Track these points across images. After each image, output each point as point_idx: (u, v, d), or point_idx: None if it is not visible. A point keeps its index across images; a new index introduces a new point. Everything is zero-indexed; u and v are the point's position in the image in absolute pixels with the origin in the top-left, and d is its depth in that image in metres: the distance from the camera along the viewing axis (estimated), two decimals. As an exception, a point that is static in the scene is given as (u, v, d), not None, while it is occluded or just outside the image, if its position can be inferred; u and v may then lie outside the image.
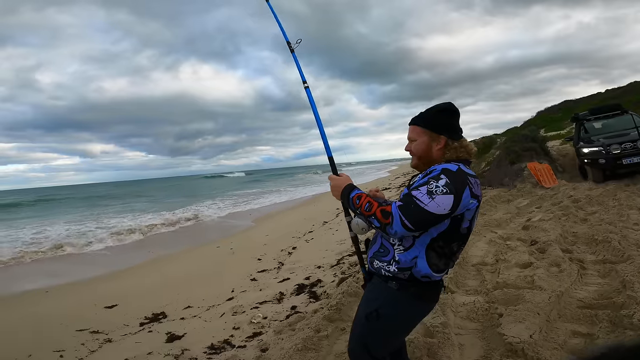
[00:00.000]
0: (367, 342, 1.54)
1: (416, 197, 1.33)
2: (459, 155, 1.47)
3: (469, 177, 1.40)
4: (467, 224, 1.42)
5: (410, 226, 1.31)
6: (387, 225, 1.33)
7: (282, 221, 10.37)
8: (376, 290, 1.53)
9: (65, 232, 11.01)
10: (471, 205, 1.38)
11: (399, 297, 1.45)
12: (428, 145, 1.49)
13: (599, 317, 2.38)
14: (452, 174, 1.36)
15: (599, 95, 24.21)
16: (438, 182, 1.33)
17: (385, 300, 1.48)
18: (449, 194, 1.31)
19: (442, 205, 1.31)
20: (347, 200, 1.52)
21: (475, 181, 1.42)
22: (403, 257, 1.42)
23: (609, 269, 3.20)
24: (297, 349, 2.47)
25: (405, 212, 1.31)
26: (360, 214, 1.45)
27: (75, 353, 3.27)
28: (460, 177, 1.36)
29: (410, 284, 1.44)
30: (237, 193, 24.49)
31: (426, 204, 1.30)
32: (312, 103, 1.94)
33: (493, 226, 5.47)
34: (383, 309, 1.47)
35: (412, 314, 1.52)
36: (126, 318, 3.98)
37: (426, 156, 1.50)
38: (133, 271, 6.23)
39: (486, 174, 10.53)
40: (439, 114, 1.50)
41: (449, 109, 1.51)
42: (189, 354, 2.98)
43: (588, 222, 5.00)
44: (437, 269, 1.42)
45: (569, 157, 10.10)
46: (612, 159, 7.55)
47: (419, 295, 1.46)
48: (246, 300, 4.09)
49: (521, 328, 2.30)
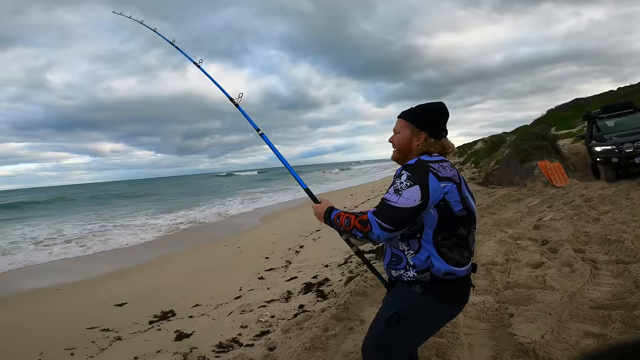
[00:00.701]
0: (386, 345, 1.52)
1: (386, 199, 1.39)
2: (429, 149, 1.49)
3: (431, 163, 1.42)
4: (459, 207, 1.41)
5: (389, 226, 1.36)
6: (368, 232, 1.39)
7: (289, 219, 10.39)
8: (399, 294, 1.51)
9: (86, 230, 11.25)
10: (446, 188, 1.39)
11: (422, 301, 1.43)
12: (409, 139, 1.52)
13: (612, 317, 2.34)
14: (411, 167, 1.41)
15: (610, 93, 23.74)
16: (401, 179, 1.39)
17: (407, 304, 1.46)
18: (413, 186, 1.35)
19: (411, 197, 1.34)
20: (329, 222, 1.58)
21: (441, 165, 1.44)
22: (416, 260, 1.41)
23: (622, 269, 3.14)
24: (304, 347, 2.46)
25: (380, 215, 1.37)
26: (344, 231, 1.51)
27: (85, 351, 3.31)
28: (419, 167, 1.40)
29: (434, 286, 1.41)
30: (254, 191, 25.09)
31: (395, 202, 1.36)
32: (273, 147, 2.08)
33: (503, 225, 5.41)
34: (404, 313, 1.45)
35: (435, 317, 1.50)
36: (136, 316, 4.02)
37: (405, 150, 1.53)
38: (142, 269, 6.30)
39: (495, 173, 10.41)
40: (426, 111, 1.53)
41: (437, 107, 1.53)
42: (197, 352, 2.99)
43: (600, 222, 4.91)
44: (455, 263, 1.40)
45: (581, 156, 9.94)
46: (625, 157, 7.40)
47: (443, 297, 1.42)
48: (254, 298, 4.10)
49: (532, 328, 2.27)
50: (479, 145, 18.56)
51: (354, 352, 2.40)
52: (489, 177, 10.49)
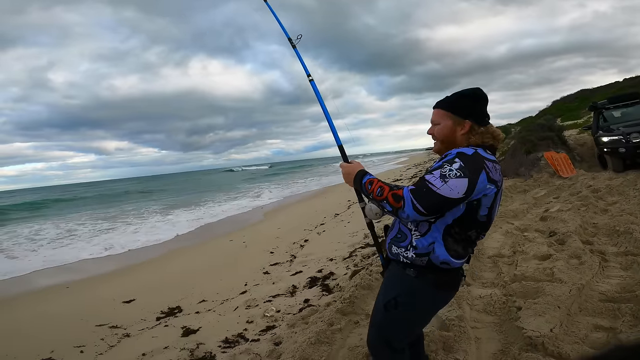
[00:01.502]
0: (386, 332, 1.53)
1: (429, 181, 1.30)
2: (484, 141, 1.42)
3: (487, 161, 1.35)
4: (485, 212, 1.37)
5: (422, 210, 1.28)
6: (399, 209, 1.32)
7: (294, 214, 10.39)
8: (394, 278, 1.52)
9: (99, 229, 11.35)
10: (488, 190, 1.34)
11: (417, 285, 1.44)
12: (452, 129, 1.45)
13: (622, 310, 2.30)
14: (467, 157, 1.33)
15: (616, 84, 23.40)
16: (452, 166, 1.30)
17: (404, 289, 1.47)
18: (462, 178, 1.28)
19: (456, 189, 1.28)
20: (359, 185, 1.52)
21: (494, 166, 1.37)
22: (420, 243, 1.40)
23: (632, 261, 3.09)
24: (310, 342, 2.46)
25: (417, 196, 1.29)
26: (372, 198, 1.44)
27: (95, 348, 3.34)
28: (476, 161, 1.32)
29: (429, 271, 1.41)
30: (279, 181, 25.55)
31: (438, 188, 1.28)
32: (318, 95, 1.97)
33: (509, 217, 5.36)
34: (401, 297, 1.46)
35: (430, 302, 1.50)
36: (143, 312, 4.04)
37: (449, 140, 1.47)
38: (148, 265, 6.34)
39: (501, 164, 10.34)
40: (464, 98, 1.46)
41: (475, 93, 1.46)
42: (204, 347, 3.01)
43: (609, 213, 4.85)
44: (456, 255, 1.40)
45: (587, 147, 9.82)
46: (632, 147, 7.30)
47: (437, 282, 1.43)
48: (259, 293, 4.11)
49: (541, 322, 2.24)
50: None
51: (360, 346, 2.39)
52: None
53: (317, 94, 1.98)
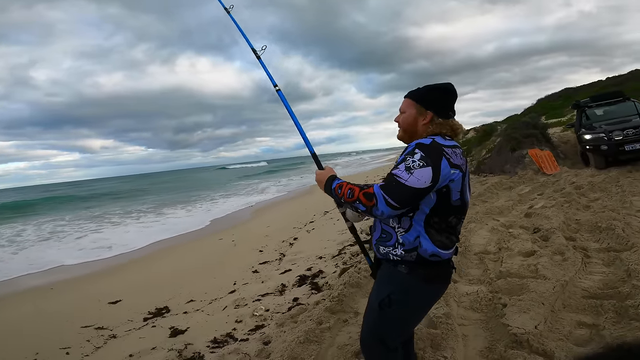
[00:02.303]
0: (381, 331, 1.53)
1: (396, 175, 1.34)
2: (441, 132, 1.47)
3: (445, 147, 1.39)
4: (457, 196, 1.42)
5: (395, 204, 1.32)
6: (372, 207, 1.34)
7: (283, 212, 10.37)
8: (386, 276, 1.53)
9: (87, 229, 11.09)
10: (453, 175, 1.38)
11: (410, 281, 1.45)
12: (414, 119, 1.51)
13: (605, 307, 2.35)
14: (425, 147, 1.37)
15: (599, 83, 23.97)
16: (414, 157, 1.35)
17: (397, 286, 1.47)
18: (426, 167, 1.32)
19: (422, 178, 1.32)
20: (330, 191, 1.54)
21: (454, 151, 1.41)
22: (406, 239, 1.42)
23: (614, 257, 3.17)
24: (299, 341, 2.45)
25: (388, 191, 1.33)
26: (345, 202, 1.45)
27: (81, 350, 3.28)
28: (434, 149, 1.37)
29: (420, 266, 1.43)
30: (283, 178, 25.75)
31: (406, 180, 1.32)
32: (287, 104, 2.00)
33: (495, 214, 5.45)
34: (395, 295, 1.47)
35: (424, 297, 1.52)
36: (130, 313, 3.99)
37: (411, 129, 1.52)
38: (135, 265, 6.25)
39: (487, 161, 10.48)
40: (433, 91, 1.51)
41: (444, 87, 1.51)
42: (192, 348, 2.97)
43: (591, 209, 4.97)
44: (442, 245, 1.42)
45: (570, 144, 10.04)
46: (614, 145, 7.50)
47: (429, 277, 1.45)
48: (248, 292, 4.09)
49: (526, 318, 2.28)
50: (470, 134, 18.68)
51: (349, 344, 2.40)
52: (481, 165, 10.56)
53: (285, 104, 2.00)
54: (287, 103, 2.00)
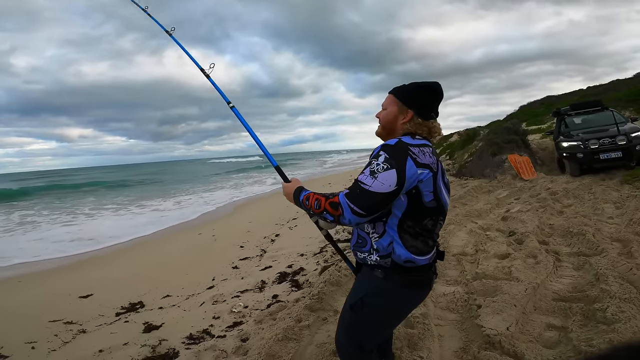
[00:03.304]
0: (353, 333, 1.52)
1: (361, 181, 1.31)
2: (417, 132, 1.43)
3: (411, 147, 1.34)
4: (430, 197, 1.36)
5: (360, 211, 1.28)
6: (339, 216, 1.32)
7: (266, 207, 10.30)
8: (363, 279, 1.51)
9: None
10: (421, 175, 1.33)
11: (385, 286, 1.42)
12: (395, 116, 1.46)
13: (573, 310, 2.44)
14: (390, 148, 1.33)
15: (580, 92, 24.74)
16: (378, 160, 1.31)
17: (370, 289, 1.45)
18: (390, 169, 1.28)
19: (387, 182, 1.28)
20: (299, 204, 1.51)
21: (422, 150, 1.36)
22: (380, 245, 1.39)
23: (583, 261, 3.29)
24: (277, 339, 2.44)
25: (353, 199, 1.29)
26: (313, 213, 1.43)
27: (48, 344, 3.16)
28: (399, 150, 1.32)
29: (395, 272, 1.39)
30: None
31: (370, 185, 1.29)
32: (243, 121, 2.01)
33: (474, 216, 5.57)
34: (367, 298, 1.45)
35: (398, 303, 1.48)
36: (101, 308, 3.87)
37: (390, 126, 1.48)
38: (109, 259, 6.08)
39: (469, 165, 10.70)
40: (417, 89, 1.45)
41: (429, 86, 1.46)
42: (167, 344, 2.92)
43: (564, 215, 5.14)
44: (416, 251, 1.38)
45: (549, 151, 10.34)
46: (589, 153, 7.75)
47: (405, 283, 1.41)
48: (227, 288, 4.04)
49: (498, 320, 2.34)
50: (454, 138, 19.03)
51: (328, 342, 2.40)
52: (463, 168, 10.77)
53: (241, 120, 2.01)
54: (243, 119, 2.01)
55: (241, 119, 2.01)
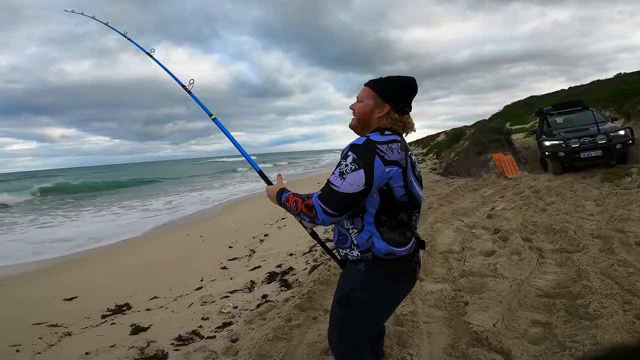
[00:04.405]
0: (343, 329, 1.53)
1: (331, 182, 1.35)
2: (393, 126, 1.44)
3: (380, 145, 1.35)
4: (401, 192, 1.38)
5: (332, 211, 1.33)
6: (314, 218, 1.37)
7: (255, 207, 10.24)
8: (347, 275, 1.54)
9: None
10: (391, 173, 1.34)
11: (369, 280, 1.44)
12: (371, 110, 1.46)
13: (556, 306, 2.51)
14: (358, 148, 1.34)
15: (562, 92, 25.34)
16: (347, 160, 1.33)
17: (355, 284, 1.47)
18: (358, 169, 1.30)
19: (355, 182, 1.30)
20: (281, 205, 1.55)
21: (390, 147, 1.36)
22: (359, 240, 1.41)
23: (566, 258, 3.38)
24: (267, 339, 2.44)
25: (324, 200, 1.34)
26: (294, 215, 1.47)
27: (32, 347, 3.09)
28: (366, 149, 1.33)
29: (377, 264, 1.42)
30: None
31: (339, 186, 1.32)
32: (226, 132, 2.06)
33: (460, 214, 5.66)
34: (353, 293, 1.47)
35: (383, 295, 1.48)
36: (87, 310, 3.79)
37: (365, 119, 1.47)
38: (93, 260, 5.95)
39: (455, 164, 10.87)
40: (395, 84, 1.45)
41: (406, 81, 1.46)
42: (155, 345, 2.88)
43: (547, 212, 5.28)
44: (395, 243, 1.40)
45: (532, 150, 10.59)
46: (570, 152, 7.98)
47: (388, 274, 1.43)
48: (216, 289, 4.01)
49: (485, 316, 2.39)
50: (441, 137, 19.29)
51: (318, 342, 2.41)
52: (449, 167, 10.94)
53: (224, 131, 2.05)
54: (226, 129, 2.05)
55: (223, 129, 2.05)
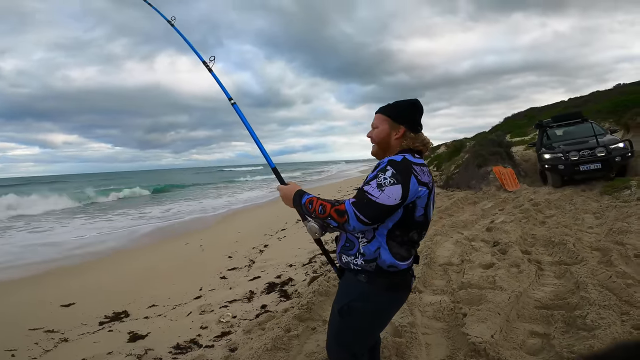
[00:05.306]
0: (343, 338, 1.56)
1: (367, 192, 1.39)
2: (414, 146, 1.54)
3: (414, 165, 1.45)
4: (421, 212, 1.47)
5: (366, 220, 1.37)
6: (344, 223, 1.40)
7: (254, 218, 10.25)
8: (347, 285, 1.57)
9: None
10: (420, 192, 1.44)
11: (369, 290, 1.49)
12: (387, 133, 1.56)
13: (555, 317, 2.51)
14: (397, 164, 1.42)
15: (562, 104, 25.45)
16: (385, 174, 1.40)
17: (356, 294, 1.51)
18: (396, 184, 1.38)
19: (392, 195, 1.37)
20: (299, 206, 1.57)
21: (422, 169, 1.48)
22: (367, 249, 1.47)
23: (564, 270, 3.39)
24: (266, 348, 2.44)
25: (359, 208, 1.38)
26: (316, 217, 1.49)
27: (28, 352, 3.09)
28: (405, 167, 1.42)
29: (378, 276, 1.48)
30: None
31: (377, 197, 1.37)
32: (243, 118, 1.97)
33: (460, 227, 5.67)
34: (354, 303, 1.50)
35: (383, 305, 1.55)
36: (84, 317, 3.79)
37: (384, 143, 1.57)
38: (92, 267, 5.94)
39: (455, 176, 10.89)
40: (403, 106, 1.57)
41: (413, 103, 1.57)
42: (153, 353, 2.88)
43: (546, 225, 5.29)
44: (400, 257, 1.47)
45: (531, 162, 10.61)
46: (570, 165, 7.98)
47: (388, 286, 1.49)
48: (215, 299, 4.00)
49: (483, 328, 2.40)
50: (441, 149, 19.37)
51: (317, 352, 2.42)
52: (450, 180, 10.95)
53: (242, 118, 1.97)
54: (244, 116, 1.97)
55: (241, 116, 1.97)
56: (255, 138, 1.95)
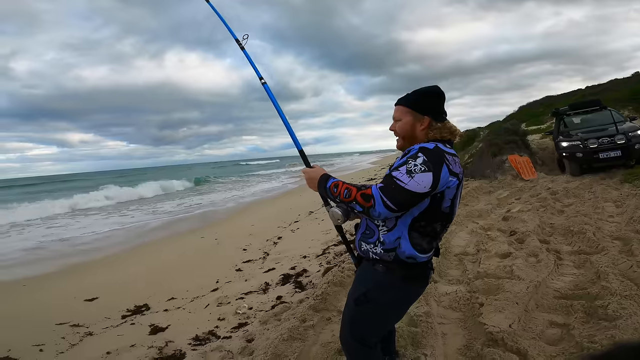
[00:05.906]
0: (358, 328, 1.56)
1: (396, 178, 1.34)
2: (442, 135, 1.48)
3: (447, 154, 1.40)
4: (448, 204, 1.42)
5: (393, 206, 1.32)
6: (370, 208, 1.34)
7: (268, 211, 10.32)
8: (364, 274, 1.56)
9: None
10: (451, 183, 1.39)
11: (386, 280, 1.47)
12: (412, 125, 1.50)
13: (575, 307, 2.47)
14: (429, 152, 1.37)
15: (579, 92, 24.68)
16: (416, 161, 1.34)
17: (373, 284, 1.50)
18: (427, 172, 1.32)
19: (422, 183, 1.32)
20: (324, 190, 1.52)
21: (454, 159, 1.43)
22: (387, 238, 1.43)
23: (584, 259, 3.32)
24: (282, 339, 2.47)
25: (387, 193, 1.32)
26: (340, 201, 1.45)
27: (55, 347, 3.20)
28: (437, 155, 1.37)
29: (396, 266, 1.45)
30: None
31: (406, 183, 1.31)
32: (273, 98, 1.92)
33: (475, 217, 5.60)
34: (371, 293, 1.49)
35: (400, 297, 1.53)
36: (107, 311, 3.90)
37: (410, 136, 1.52)
38: (112, 262, 6.10)
39: (469, 166, 10.73)
40: (424, 96, 1.50)
41: (434, 91, 1.51)
42: (173, 345, 2.96)
43: (565, 214, 5.17)
44: (421, 249, 1.43)
45: (549, 151, 10.37)
46: (589, 153, 7.79)
47: (405, 277, 1.46)
48: (231, 290, 4.07)
49: (501, 317, 2.38)
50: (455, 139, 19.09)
51: (332, 342, 2.44)
52: (463, 169, 10.80)
53: (271, 97, 1.92)
54: (274, 97, 1.91)
55: (271, 96, 1.93)
56: (284, 119, 1.89)
